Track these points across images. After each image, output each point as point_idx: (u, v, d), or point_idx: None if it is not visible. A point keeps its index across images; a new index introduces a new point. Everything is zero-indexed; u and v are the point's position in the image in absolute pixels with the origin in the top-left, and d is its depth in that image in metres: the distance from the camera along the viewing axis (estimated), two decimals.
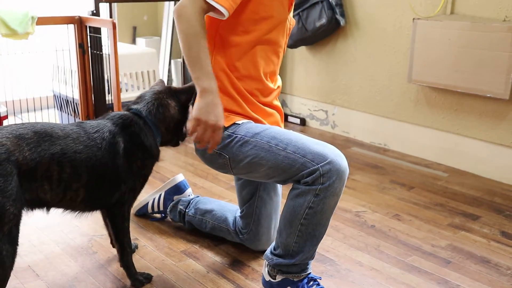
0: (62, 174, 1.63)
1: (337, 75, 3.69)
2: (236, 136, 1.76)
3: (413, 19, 3.03)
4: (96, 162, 1.69)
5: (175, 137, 1.95)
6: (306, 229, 1.70)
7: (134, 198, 1.89)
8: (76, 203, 1.73)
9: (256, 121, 1.83)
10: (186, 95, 1.92)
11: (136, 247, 2.15)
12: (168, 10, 4.68)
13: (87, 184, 1.70)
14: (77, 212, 1.80)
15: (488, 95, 2.79)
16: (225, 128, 1.77)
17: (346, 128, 3.70)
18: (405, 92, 3.31)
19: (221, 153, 1.79)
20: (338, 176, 1.64)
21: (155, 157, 1.86)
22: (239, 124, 1.79)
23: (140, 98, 1.91)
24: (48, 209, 1.71)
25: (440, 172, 3.07)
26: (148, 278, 1.92)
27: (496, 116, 2.91)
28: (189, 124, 1.70)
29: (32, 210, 1.66)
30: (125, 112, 1.84)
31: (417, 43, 3.03)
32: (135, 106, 1.86)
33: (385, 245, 2.23)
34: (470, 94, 2.94)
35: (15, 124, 1.67)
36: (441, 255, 2.15)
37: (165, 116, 1.87)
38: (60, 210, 1.77)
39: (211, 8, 1.64)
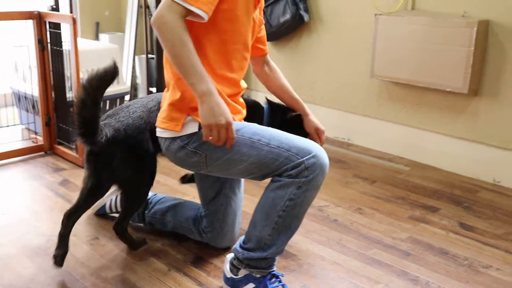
0: None
1: (302, 71, 3.70)
2: None
3: (375, 14, 3.07)
4: None
5: None
6: (283, 222, 1.71)
7: None
8: None
9: None
10: None
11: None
12: (132, 5, 4.61)
13: None
14: None
15: (448, 90, 2.84)
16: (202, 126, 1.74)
17: None
18: (368, 87, 3.34)
19: (197, 151, 1.76)
20: (321, 170, 1.68)
21: None
22: None
23: None
24: None
25: (402, 165, 3.11)
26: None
27: (456, 110, 2.96)
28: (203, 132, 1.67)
29: None
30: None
31: (379, 39, 3.06)
32: None
33: (347, 239, 2.25)
34: (430, 88, 2.99)
35: (145, 96, 2.08)
36: (401, 247, 2.18)
37: None
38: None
39: (189, 12, 1.62)
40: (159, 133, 1.84)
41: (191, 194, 2.64)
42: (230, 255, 1.86)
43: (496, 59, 2.76)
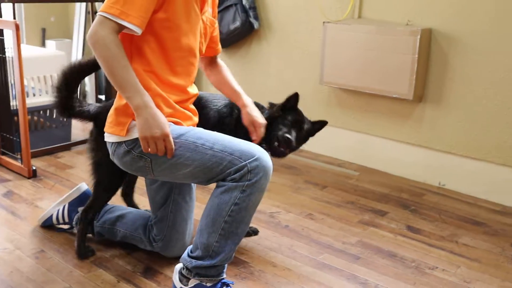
0: None
1: (252, 78, 3.72)
2: None
3: (323, 22, 3.12)
4: None
5: None
6: (230, 227, 1.70)
7: None
8: None
9: (176, 124, 1.82)
10: None
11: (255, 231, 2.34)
12: (80, 12, 4.53)
13: None
14: None
15: (394, 96, 2.92)
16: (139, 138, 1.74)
17: None
18: (317, 94, 3.39)
19: (142, 156, 1.76)
20: (265, 173, 1.68)
21: None
22: None
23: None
24: None
25: (352, 170, 3.17)
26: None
27: (402, 116, 3.04)
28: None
29: None
30: None
31: (327, 46, 3.11)
32: None
33: (298, 245, 2.27)
34: (378, 95, 3.06)
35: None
36: (351, 252, 2.22)
37: None
38: None
39: (122, 27, 1.65)
40: (106, 137, 1.84)
41: (140, 203, 2.60)
42: (179, 265, 1.84)
43: (438, 66, 2.86)
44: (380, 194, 2.83)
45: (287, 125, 2.11)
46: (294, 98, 2.17)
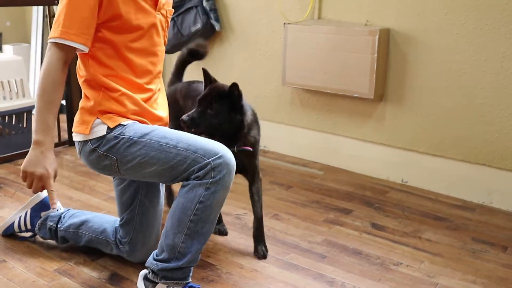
0: None
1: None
2: (123, 137, 1.76)
3: (284, 23, 3.14)
4: None
5: None
6: (195, 226, 1.70)
7: None
8: None
9: (142, 122, 1.85)
10: None
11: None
12: (37, 16, 4.44)
13: None
14: None
15: (356, 95, 2.96)
16: (111, 130, 1.78)
17: None
18: (280, 94, 3.41)
19: (108, 155, 1.77)
20: (228, 170, 1.70)
21: None
22: (124, 125, 1.79)
23: None
24: None
25: (316, 170, 3.20)
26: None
27: (364, 115, 3.09)
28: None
29: None
30: None
31: (289, 47, 3.13)
32: None
33: None
34: (339, 94, 3.09)
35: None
36: (317, 251, 2.24)
37: None
38: None
39: (71, 48, 1.71)
40: (74, 137, 1.87)
41: (105, 209, 2.56)
42: (143, 272, 1.83)
43: (397, 65, 2.91)
44: (344, 192, 2.87)
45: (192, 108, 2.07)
46: (205, 73, 2.15)
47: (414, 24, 2.83)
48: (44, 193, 2.24)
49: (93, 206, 2.60)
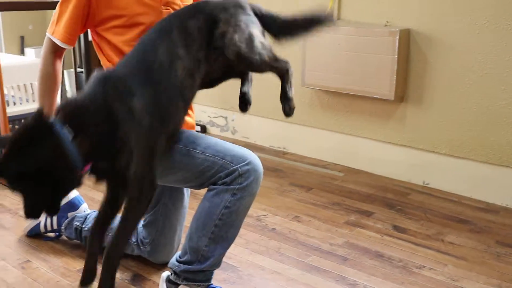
0: None
1: (235, 82, 3.71)
2: None
3: None
4: None
5: None
6: (220, 231, 1.70)
7: None
8: None
9: None
10: None
11: None
12: None
13: None
14: None
15: (376, 96, 2.94)
16: None
17: (246, 133, 3.74)
18: (300, 96, 3.40)
19: None
20: (255, 177, 1.69)
21: None
22: None
23: None
24: None
25: (337, 172, 3.18)
26: None
27: (384, 116, 3.07)
28: None
29: None
30: None
31: (309, 48, 3.13)
32: None
33: (286, 247, 2.27)
34: (359, 96, 3.08)
35: None
36: (339, 253, 2.23)
37: None
38: None
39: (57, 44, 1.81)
40: None
41: None
42: (165, 274, 1.84)
43: (418, 66, 2.89)
44: (365, 194, 2.85)
45: None
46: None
47: (435, 25, 2.80)
48: (72, 194, 2.27)
49: None
